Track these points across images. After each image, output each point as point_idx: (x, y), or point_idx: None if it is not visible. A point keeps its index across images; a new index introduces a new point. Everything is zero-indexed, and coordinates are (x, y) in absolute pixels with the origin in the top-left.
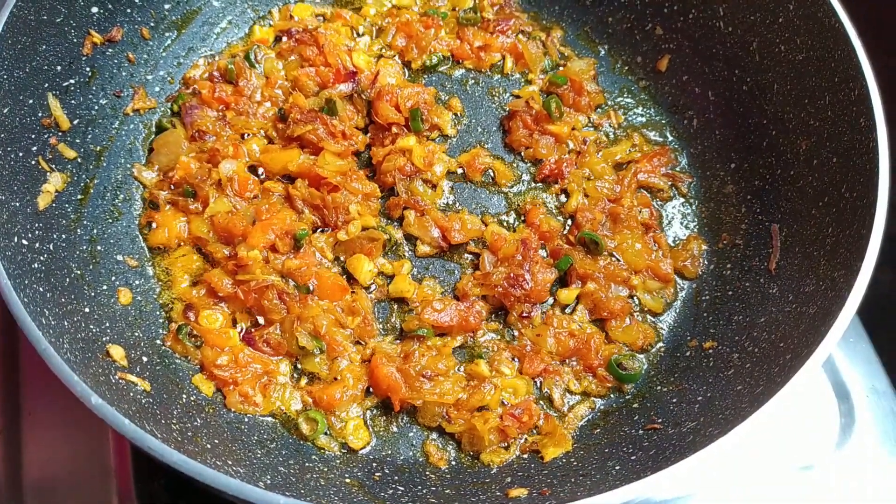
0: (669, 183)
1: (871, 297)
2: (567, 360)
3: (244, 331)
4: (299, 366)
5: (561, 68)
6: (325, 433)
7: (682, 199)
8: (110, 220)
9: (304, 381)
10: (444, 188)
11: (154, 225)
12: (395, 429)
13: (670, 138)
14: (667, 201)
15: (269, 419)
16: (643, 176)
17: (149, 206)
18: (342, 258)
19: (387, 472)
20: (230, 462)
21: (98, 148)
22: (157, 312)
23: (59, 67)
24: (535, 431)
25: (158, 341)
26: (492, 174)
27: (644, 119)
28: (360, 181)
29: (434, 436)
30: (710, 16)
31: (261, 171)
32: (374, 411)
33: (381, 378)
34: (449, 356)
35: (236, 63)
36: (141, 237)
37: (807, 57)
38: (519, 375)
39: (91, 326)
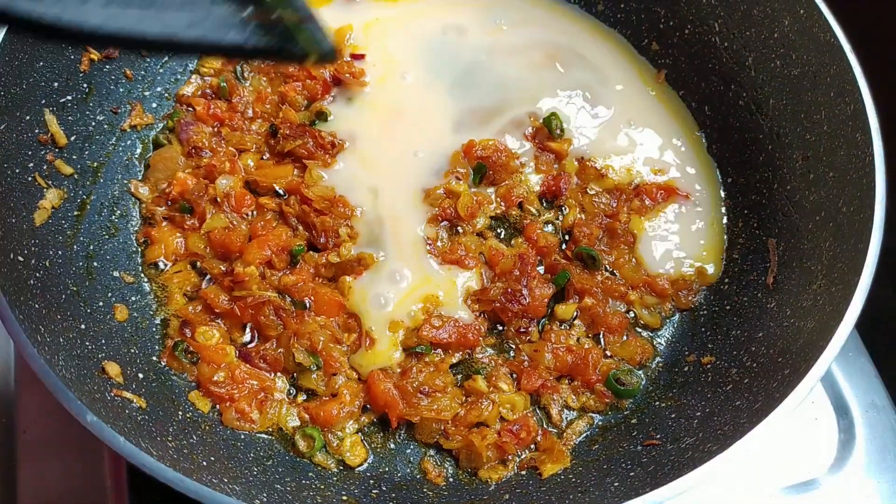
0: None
1: (869, 312)
2: (565, 376)
3: (240, 347)
4: (296, 382)
5: None
6: (322, 450)
7: None
8: (107, 237)
9: (300, 397)
10: None
11: (150, 241)
12: (392, 445)
13: None
14: None
15: (266, 436)
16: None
17: (145, 222)
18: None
19: (384, 489)
20: (226, 480)
21: (95, 164)
22: (154, 329)
23: (56, 84)
24: (533, 448)
25: (154, 358)
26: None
27: None
28: (347, 206)
29: (431, 452)
30: (706, 31)
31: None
32: (372, 428)
33: (378, 394)
34: (446, 372)
35: (229, 80)
36: (138, 253)
37: (802, 72)
38: (517, 391)
39: (87, 343)
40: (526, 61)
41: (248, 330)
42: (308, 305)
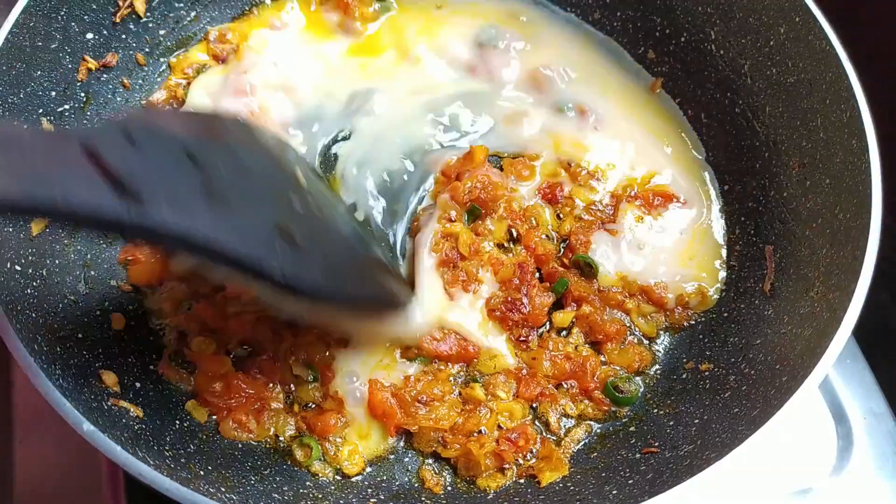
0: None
1: (866, 319)
2: (564, 384)
3: (237, 358)
4: (294, 393)
5: None
6: (320, 459)
7: None
8: (104, 245)
9: (297, 406)
10: None
11: (132, 261)
12: (390, 454)
13: None
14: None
15: (264, 445)
16: (638, 202)
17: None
18: None
19: (382, 497)
20: (223, 489)
21: None
22: (151, 338)
23: (53, 93)
24: (531, 456)
25: (152, 366)
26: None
27: None
28: None
29: (430, 461)
30: (702, 39)
31: None
32: None
33: (376, 403)
34: (445, 381)
35: None
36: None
37: (798, 79)
38: (515, 399)
39: (84, 352)
40: (522, 72)
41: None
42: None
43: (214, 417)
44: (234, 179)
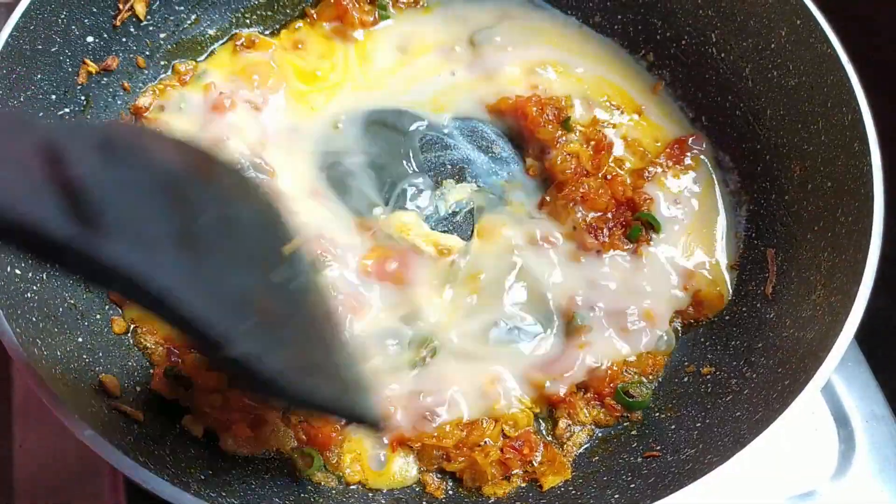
0: None
1: (868, 322)
2: (581, 388)
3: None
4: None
5: None
6: (322, 468)
7: None
8: None
9: (296, 418)
10: None
11: None
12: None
13: None
14: None
15: (264, 450)
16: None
17: None
18: None
19: (383, 502)
20: (224, 493)
21: None
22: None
23: (53, 97)
24: (535, 461)
25: (152, 371)
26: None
27: None
28: None
29: None
30: (703, 42)
31: None
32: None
33: None
34: None
35: None
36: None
37: (799, 82)
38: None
39: (84, 356)
40: (521, 73)
41: None
42: None
43: (214, 432)
44: (216, 230)
